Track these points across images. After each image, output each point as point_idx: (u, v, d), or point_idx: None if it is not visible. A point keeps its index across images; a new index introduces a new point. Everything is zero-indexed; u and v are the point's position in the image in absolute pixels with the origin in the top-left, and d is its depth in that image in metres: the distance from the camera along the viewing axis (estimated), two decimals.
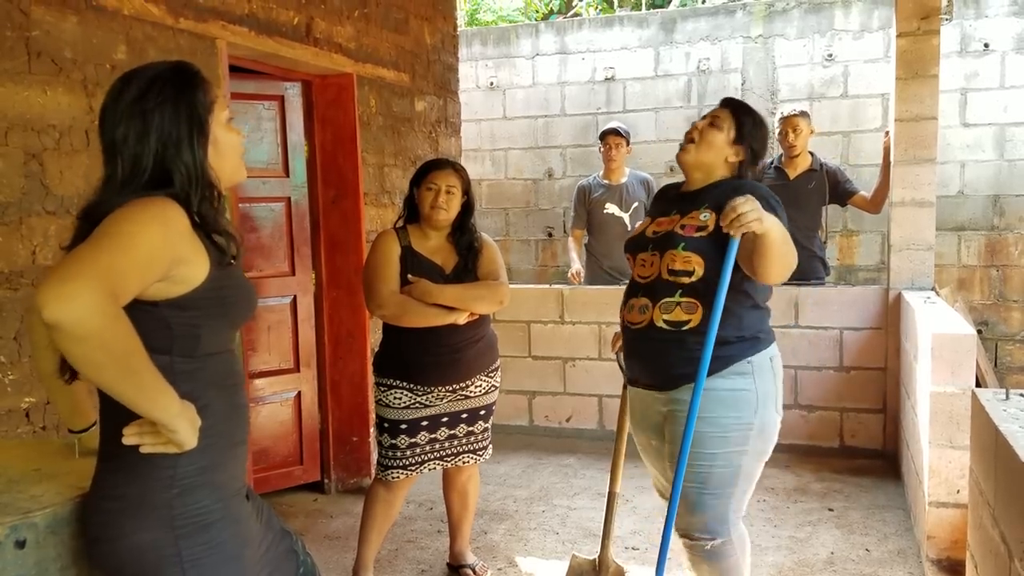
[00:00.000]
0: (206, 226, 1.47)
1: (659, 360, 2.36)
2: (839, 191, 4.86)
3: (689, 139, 2.45)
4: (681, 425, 2.29)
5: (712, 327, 2.22)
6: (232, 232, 1.53)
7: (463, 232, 3.01)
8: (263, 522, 1.66)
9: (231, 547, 1.50)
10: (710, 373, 2.25)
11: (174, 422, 1.37)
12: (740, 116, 2.44)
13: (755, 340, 2.35)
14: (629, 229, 5.11)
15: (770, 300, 2.45)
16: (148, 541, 1.42)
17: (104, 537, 1.44)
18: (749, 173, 2.47)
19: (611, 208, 5.16)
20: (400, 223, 3.06)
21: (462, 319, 2.87)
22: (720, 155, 2.42)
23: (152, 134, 1.44)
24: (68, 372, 1.54)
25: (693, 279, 2.29)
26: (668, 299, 2.33)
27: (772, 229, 2.09)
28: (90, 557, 1.48)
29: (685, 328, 2.30)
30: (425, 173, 2.99)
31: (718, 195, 2.32)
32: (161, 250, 1.37)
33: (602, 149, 5.24)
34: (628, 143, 5.27)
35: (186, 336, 1.45)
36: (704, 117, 2.48)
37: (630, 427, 2.62)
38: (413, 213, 3.03)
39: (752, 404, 2.31)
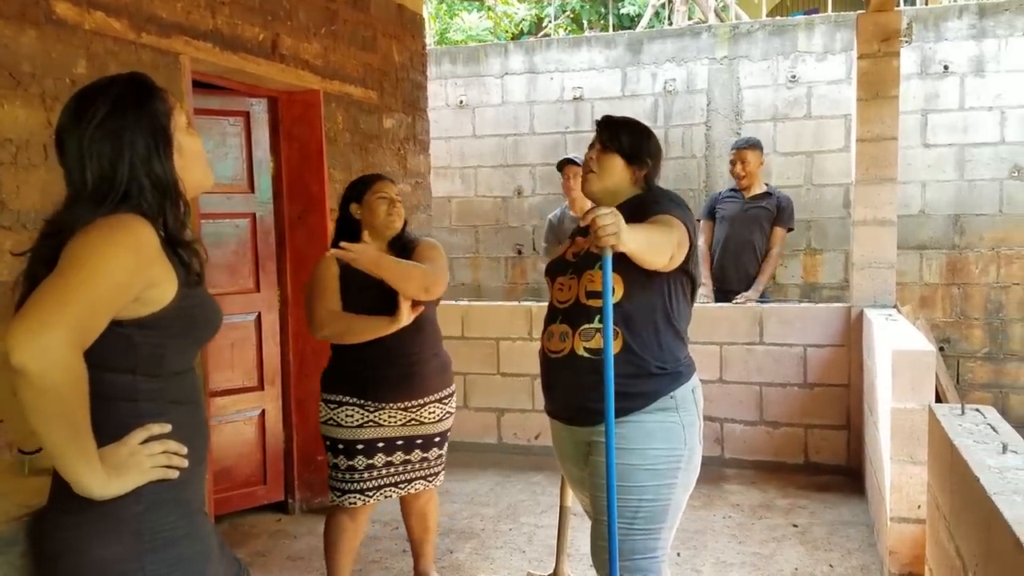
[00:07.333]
0: (173, 242, 1.47)
1: (580, 392, 2.24)
2: (776, 218, 5.08)
3: (589, 169, 2.39)
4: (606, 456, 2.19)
5: (607, 351, 2.06)
6: (196, 247, 1.53)
7: (401, 239, 2.98)
8: (217, 544, 1.64)
9: (195, 564, 1.49)
10: (634, 409, 2.20)
11: (86, 480, 1.35)
12: (620, 136, 2.37)
13: (676, 374, 2.26)
14: None
15: (690, 326, 2.36)
16: (112, 556, 1.41)
17: (67, 552, 1.41)
18: (655, 183, 2.42)
19: None
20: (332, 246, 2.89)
21: (404, 320, 2.76)
22: (623, 177, 2.36)
23: (125, 153, 1.44)
24: None
25: (612, 302, 2.20)
26: (587, 325, 2.23)
27: (633, 242, 2.00)
28: (48, 574, 1.44)
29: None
30: (370, 184, 2.96)
31: (630, 211, 2.19)
32: (133, 276, 1.38)
33: (562, 180, 4.99)
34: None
35: (150, 356, 1.44)
36: (592, 145, 2.41)
37: (556, 456, 2.52)
38: (346, 232, 2.94)
39: (680, 435, 2.24)
